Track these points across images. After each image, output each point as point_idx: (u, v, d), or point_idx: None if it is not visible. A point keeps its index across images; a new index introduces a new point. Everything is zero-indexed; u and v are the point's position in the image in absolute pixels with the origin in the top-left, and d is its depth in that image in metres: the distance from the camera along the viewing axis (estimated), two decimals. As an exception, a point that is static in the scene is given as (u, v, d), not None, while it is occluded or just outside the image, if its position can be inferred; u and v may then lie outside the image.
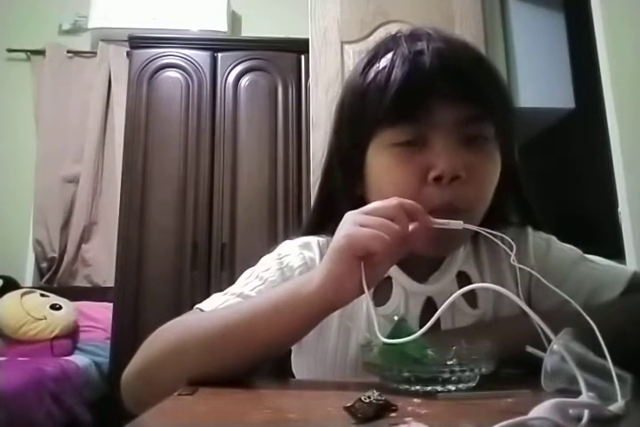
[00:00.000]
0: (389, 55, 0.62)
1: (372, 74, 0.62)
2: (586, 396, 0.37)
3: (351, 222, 0.51)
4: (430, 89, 0.58)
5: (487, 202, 0.62)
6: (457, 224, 0.54)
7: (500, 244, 0.57)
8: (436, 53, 0.59)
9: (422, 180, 0.59)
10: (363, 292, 0.49)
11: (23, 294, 2.49)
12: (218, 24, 3.04)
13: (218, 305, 0.62)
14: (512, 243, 0.55)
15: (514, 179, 0.69)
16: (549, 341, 0.42)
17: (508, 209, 0.71)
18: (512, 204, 0.72)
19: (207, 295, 0.66)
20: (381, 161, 0.62)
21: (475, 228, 0.56)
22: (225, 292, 0.66)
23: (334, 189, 0.70)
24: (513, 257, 0.53)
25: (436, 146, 0.59)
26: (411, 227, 0.52)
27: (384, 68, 0.61)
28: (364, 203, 0.55)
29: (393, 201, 0.51)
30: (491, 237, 0.55)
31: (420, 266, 0.66)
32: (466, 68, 0.60)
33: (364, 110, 0.63)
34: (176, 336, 0.56)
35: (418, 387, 0.45)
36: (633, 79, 1.62)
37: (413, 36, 0.63)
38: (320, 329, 0.64)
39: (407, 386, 0.45)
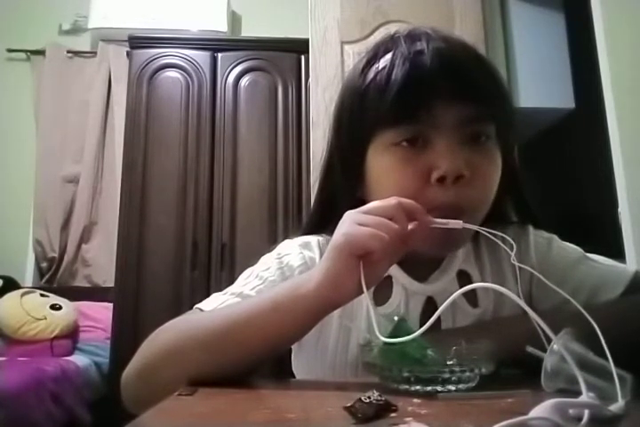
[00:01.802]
0: (389, 55, 0.62)
1: (371, 74, 0.62)
2: (586, 396, 0.37)
3: (350, 221, 0.51)
4: (431, 89, 0.58)
5: (490, 201, 0.62)
6: (456, 224, 0.54)
7: (501, 243, 0.57)
8: (435, 53, 0.59)
9: (425, 180, 0.59)
10: (362, 291, 0.49)
11: (23, 294, 2.49)
12: (218, 24, 3.04)
13: (217, 305, 0.62)
14: (512, 242, 0.55)
15: (514, 178, 0.69)
16: (549, 341, 0.42)
17: (507, 208, 0.71)
18: (512, 203, 0.72)
19: (207, 295, 0.66)
20: (382, 161, 0.62)
21: (475, 227, 0.56)
22: (225, 291, 0.65)
23: (334, 190, 0.70)
24: (513, 257, 0.53)
25: (437, 146, 0.59)
26: (410, 226, 0.52)
27: (384, 68, 0.61)
28: (364, 203, 0.55)
29: (392, 200, 0.51)
30: (491, 236, 0.55)
31: (421, 265, 0.66)
32: (466, 67, 0.60)
33: (363, 111, 0.62)
34: (176, 336, 0.56)
35: (418, 387, 0.45)
36: (633, 79, 1.62)
37: (412, 36, 0.63)
38: (320, 329, 0.64)
39: (407, 386, 0.45)
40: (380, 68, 0.62)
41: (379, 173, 0.63)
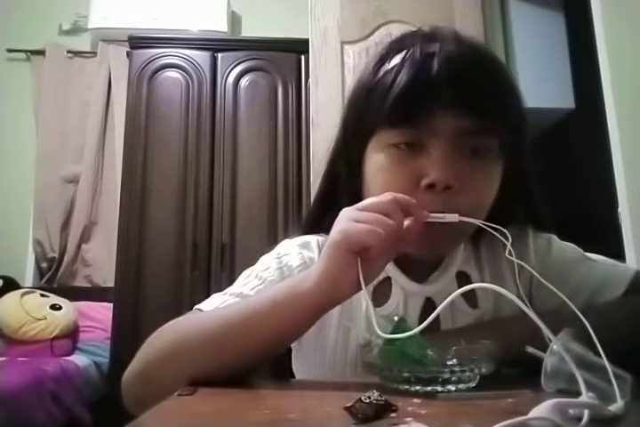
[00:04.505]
0: (401, 55, 0.61)
1: (381, 72, 0.62)
2: (586, 396, 0.37)
3: (346, 218, 0.51)
4: (433, 96, 0.58)
5: (482, 212, 0.61)
6: (452, 217, 0.54)
7: (498, 235, 0.56)
8: (445, 59, 0.58)
9: (414, 184, 0.58)
10: (360, 287, 0.49)
11: (23, 294, 2.49)
12: (218, 24, 3.04)
13: (217, 305, 0.62)
14: (508, 235, 0.55)
15: (523, 187, 0.68)
16: (550, 341, 0.42)
17: (517, 216, 0.70)
18: (522, 212, 0.70)
19: (207, 295, 0.66)
20: (377, 160, 0.62)
21: (471, 220, 0.56)
22: (224, 292, 0.66)
23: (336, 181, 0.70)
24: (509, 247, 0.52)
25: (432, 153, 0.59)
26: (406, 222, 0.52)
27: (392, 68, 0.61)
28: (362, 198, 0.55)
29: (387, 196, 0.52)
30: (489, 229, 0.55)
31: (420, 266, 0.66)
32: (474, 76, 0.59)
33: (367, 107, 0.63)
34: (176, 336, 0.56)
35: (418, 387, 0.45)
36: (633, 79, 1.62)
37: (429, 37, 0.62)
38: (319, 329, 0.64)
39: (407, 386, 0.45)
40: (389, 67, 0.61)
41: (373, 171, 0.63)
